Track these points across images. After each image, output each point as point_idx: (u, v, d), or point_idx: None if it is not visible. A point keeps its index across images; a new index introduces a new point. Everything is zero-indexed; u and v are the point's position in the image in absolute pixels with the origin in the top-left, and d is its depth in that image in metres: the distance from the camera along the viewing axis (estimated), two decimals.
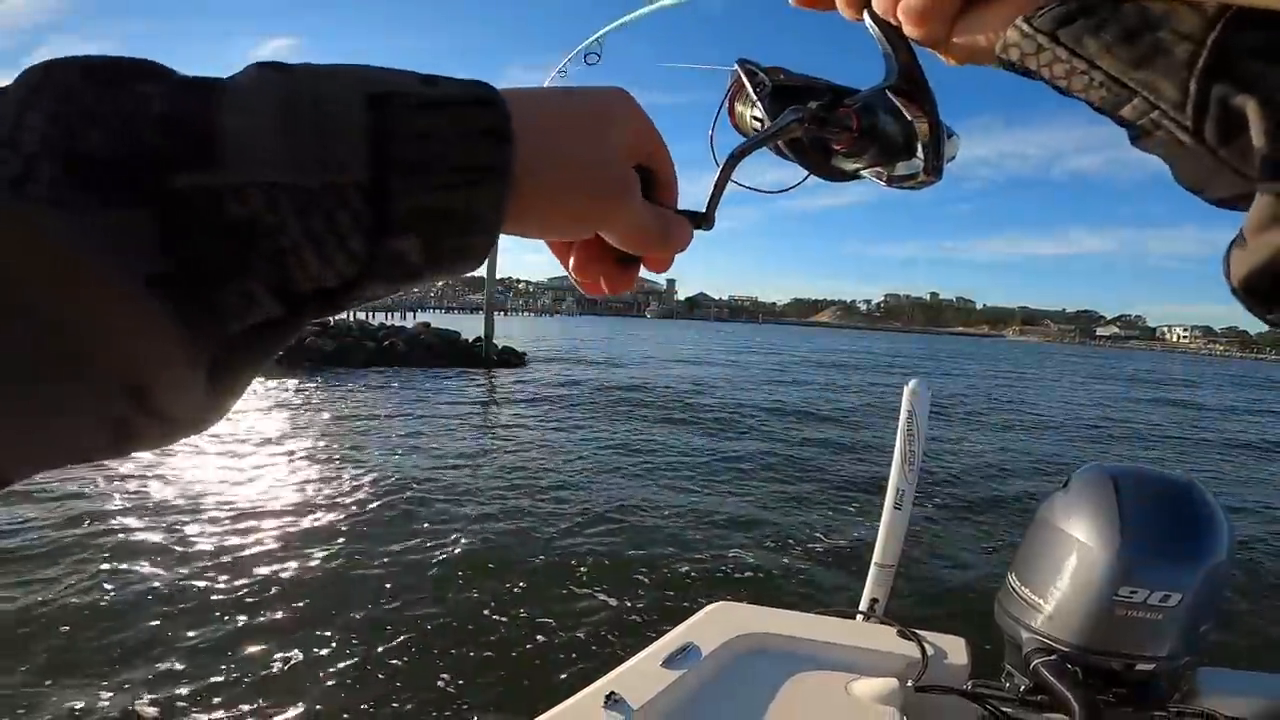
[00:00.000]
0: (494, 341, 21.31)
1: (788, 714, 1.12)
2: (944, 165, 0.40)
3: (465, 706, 2.98)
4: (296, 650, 3.42)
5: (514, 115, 0.24)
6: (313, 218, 0.21)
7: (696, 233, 0.33)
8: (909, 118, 0.39)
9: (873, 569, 1.54)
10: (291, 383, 14.19)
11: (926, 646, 1.26)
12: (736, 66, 0.48)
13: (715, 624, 1.30)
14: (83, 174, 0.18)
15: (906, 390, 1.56)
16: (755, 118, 0.46)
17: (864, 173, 0.43)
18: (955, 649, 1.28)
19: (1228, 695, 1.14)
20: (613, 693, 1.06)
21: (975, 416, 14.45)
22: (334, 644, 3.51)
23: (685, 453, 8.64)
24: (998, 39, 0.32)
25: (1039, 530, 1.28)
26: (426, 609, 3.96)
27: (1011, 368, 34.92)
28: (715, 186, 0.35)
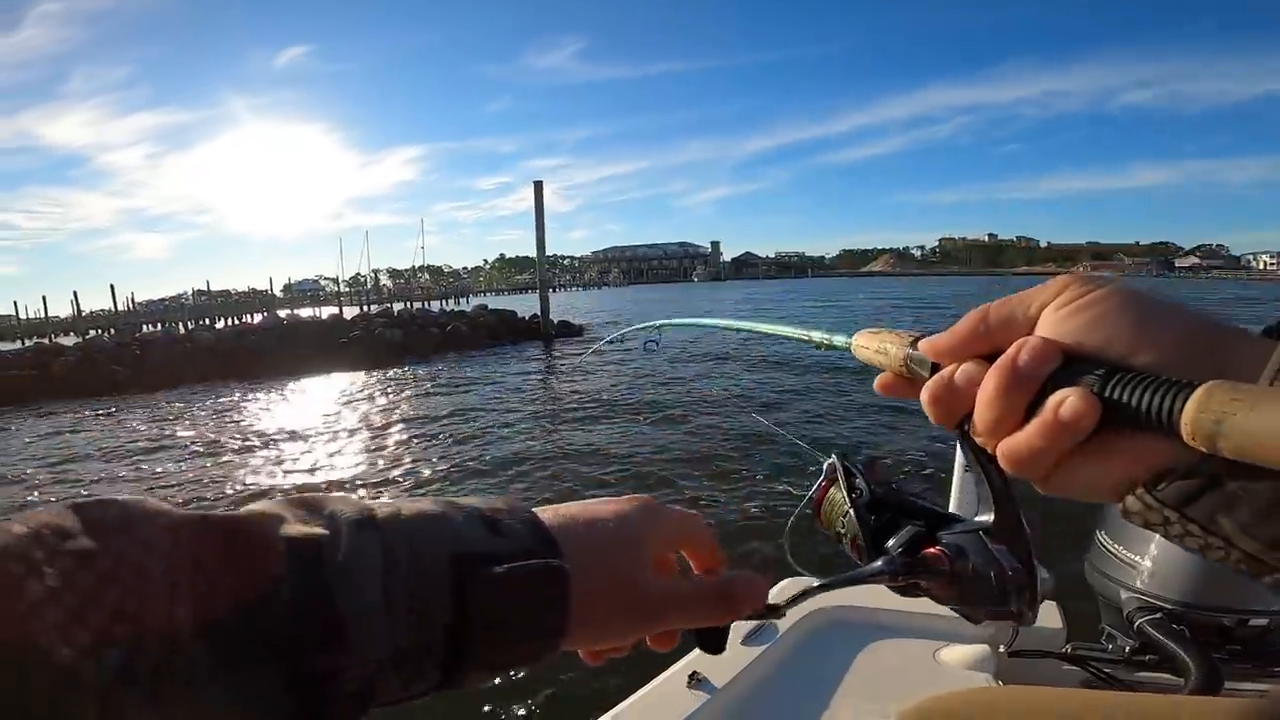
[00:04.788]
0: (550, 316, 21.75)
1: (874, 685, 1.10)
2: (1035, 614, 0.38)
3: (546, 689, 2.98)
4: None
5: (569, 563, 0.30)
6: (406, 668, 0.26)
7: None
8: (1005, 568, 0.38)
9: None
10: (375, 375, 14.87)
11: None
12: (834, 459, 0.51)
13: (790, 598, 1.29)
14: (221, 650, 0.22)
15: None
16: (843, 527, 0.48)
17: (947, 605, 0.43)
18: (1048, 613, 1.24)
19: None
20: (695, 672, 1.07)
21: None
22: None
23: (730, 406, 8.62)
24: (1100, 491, 0.30)
25: None
26: None
27: None
28: (795, 598, 0.41)
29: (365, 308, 33.05)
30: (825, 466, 0.51)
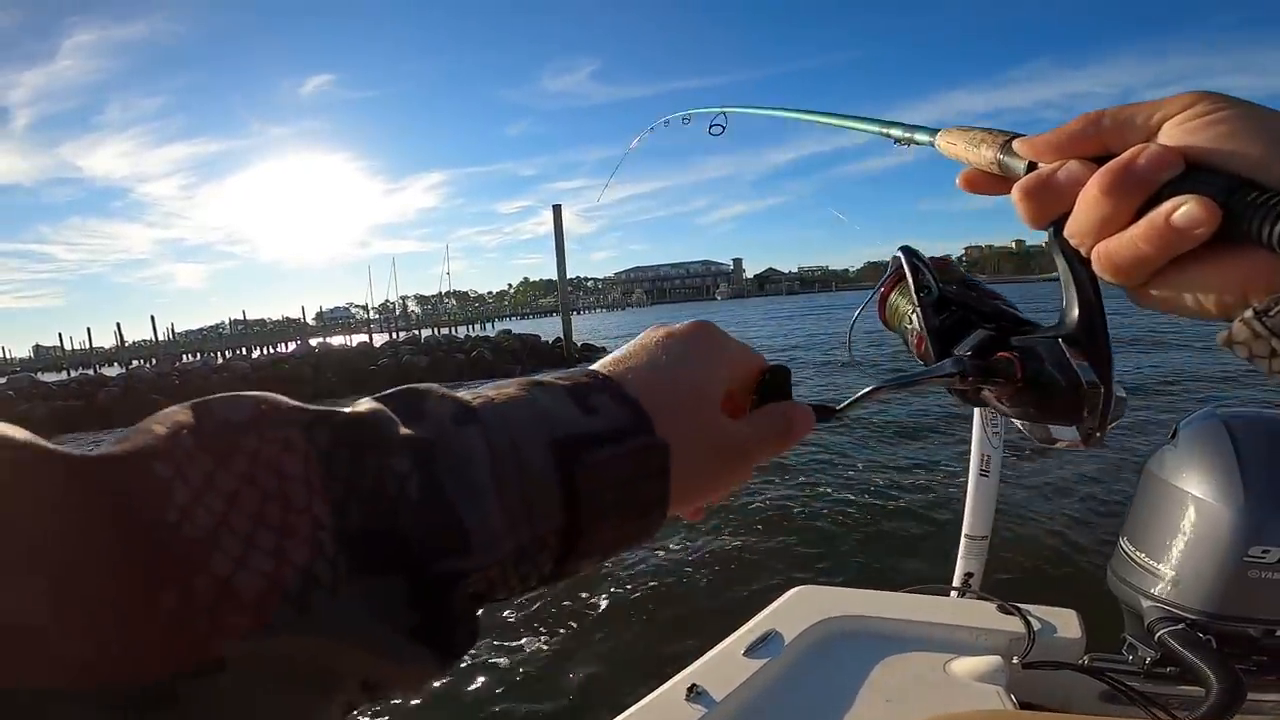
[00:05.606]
0: (573, 340, 21.93)
1: (881, 698, 1.07)
2: (1105, 435, 0.35)
3: (545, 705, 2.93)
4: None
5: (662, 431, 0.28)
6: (524, 564, 0.25)
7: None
8: (1080, 378, 0.34)
9: (963, 542, 1.44)
10: None
11: (1032, 621, 1.17)
12: (900, 255, 0.45)
13: (797, 609, 1.26)
14: (359, 556, 0.20)
15: None
16: (909, 323, 0.44)
17: (1013, 419, 0.39)
18: (1066, 622, 1.19)
19: None
20: (694, 685, 1.05)
21: None
22: None
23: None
24: (1205, 304, 0.28)
25: (1150, 488, 1.16)
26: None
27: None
28: (855, 401, 0.36)
29: (394, 334, 33.67)
30: (891, 261, 0.46)
